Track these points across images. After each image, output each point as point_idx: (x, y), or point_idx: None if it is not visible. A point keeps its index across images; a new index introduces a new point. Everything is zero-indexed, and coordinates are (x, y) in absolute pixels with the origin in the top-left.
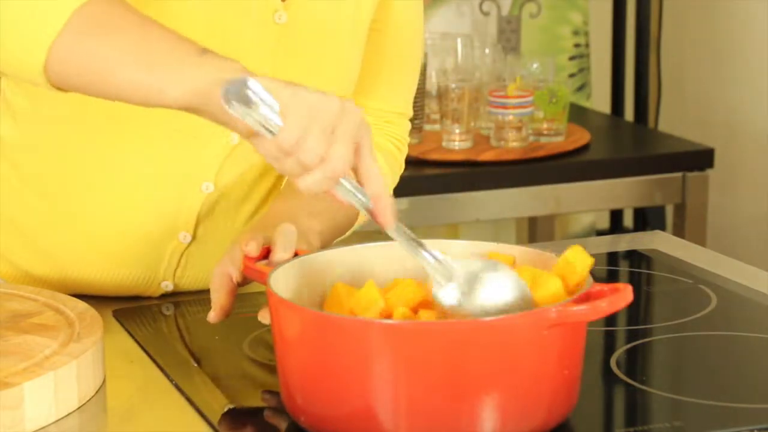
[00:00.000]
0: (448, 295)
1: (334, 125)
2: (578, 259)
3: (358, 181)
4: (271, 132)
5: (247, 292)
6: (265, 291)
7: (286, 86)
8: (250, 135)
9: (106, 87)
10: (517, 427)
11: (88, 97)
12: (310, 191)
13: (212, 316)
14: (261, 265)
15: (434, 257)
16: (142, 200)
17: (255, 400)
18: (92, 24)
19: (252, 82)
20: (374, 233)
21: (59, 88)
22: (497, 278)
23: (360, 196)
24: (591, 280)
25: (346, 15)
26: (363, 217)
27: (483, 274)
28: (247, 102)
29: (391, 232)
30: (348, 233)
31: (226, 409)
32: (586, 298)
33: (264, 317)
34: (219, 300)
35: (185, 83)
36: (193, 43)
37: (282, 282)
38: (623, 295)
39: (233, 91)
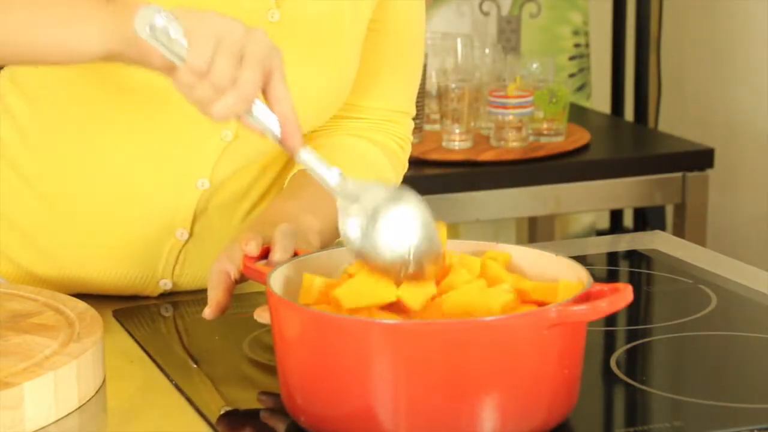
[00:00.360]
0: (352, 232)
1: (241, 48)
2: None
3: (268, 104)
4: (182, 59)
5: (246, 292)
6: (265, 291)
7: (191, 12)
8: (168, 70)
9: (26, 52)
10: (517, 427)
11: (84, 98)
12: (224, 117)
13: (208, 312)
14: (260, 265)
15: (342, 181)
16: (140, 199)
17: (254, 401)
18: None
19: (161, 11)
20: None
21: None
22: (398, 214)
23: (270, 121)
24: (591, 279)
25: (341, 14)
26: None
27: (384, 210)
28: (156, 28)
29: (297, 156)
30: None
31: (225, 410)
32: (586, 298)
33: (261, 316)
34: (216, 297)
35: (102, 30)
36: None
37: (282, 282)
38: (623, 295)
39: (144, 20)
